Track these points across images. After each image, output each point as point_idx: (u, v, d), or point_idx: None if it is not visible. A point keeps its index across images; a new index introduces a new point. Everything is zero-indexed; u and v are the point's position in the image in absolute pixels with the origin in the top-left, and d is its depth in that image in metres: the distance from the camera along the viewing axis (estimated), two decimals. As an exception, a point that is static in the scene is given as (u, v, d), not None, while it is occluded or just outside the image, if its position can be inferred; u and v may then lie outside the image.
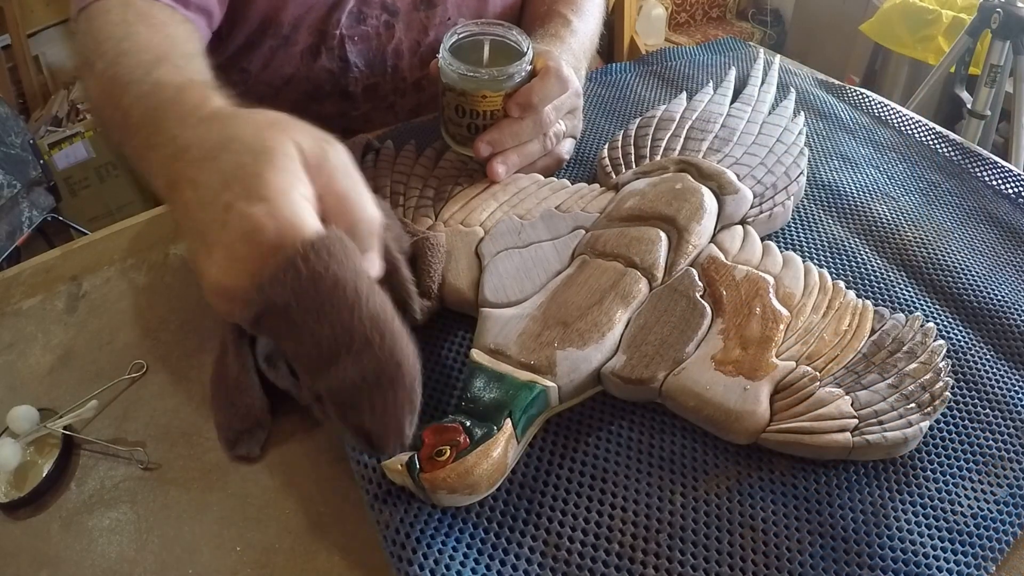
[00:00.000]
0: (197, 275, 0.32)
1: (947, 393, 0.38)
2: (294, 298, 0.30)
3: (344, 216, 0.33)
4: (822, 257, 0.50)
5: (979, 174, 0.58)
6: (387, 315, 0.31)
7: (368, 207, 0.34)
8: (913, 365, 0.39)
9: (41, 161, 1.50)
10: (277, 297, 0.30)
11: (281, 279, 0.30)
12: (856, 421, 0.36)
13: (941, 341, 0.41)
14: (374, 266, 0.36)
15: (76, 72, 0.53)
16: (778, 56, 0.74)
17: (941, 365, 0.39)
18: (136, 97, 0.39)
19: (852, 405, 0.37)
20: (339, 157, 0.34)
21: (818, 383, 0.38)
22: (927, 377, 0.38)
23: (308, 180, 0.32)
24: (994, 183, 0.57)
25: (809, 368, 0.39)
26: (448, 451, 0.33)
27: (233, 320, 0.34)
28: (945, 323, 0.45)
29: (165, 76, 0.40)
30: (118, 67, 0.43)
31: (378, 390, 0.30)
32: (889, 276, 0.48)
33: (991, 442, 0.38)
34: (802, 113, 0.63)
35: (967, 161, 0.60)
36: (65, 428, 0.40)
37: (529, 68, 0.51)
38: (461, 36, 0.52)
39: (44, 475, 0.38)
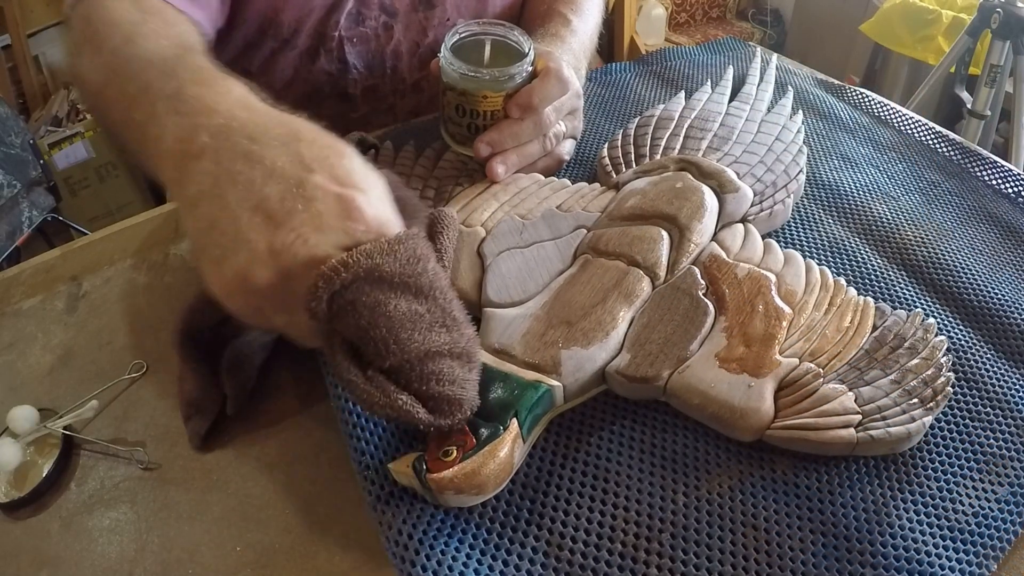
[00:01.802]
0: (238, 249, 0.31)
1: (949, 388, 0.38)
2: (400, 268, 0.32)
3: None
4: (823, 256, 0.50)
5: (979, 174, 0.58)
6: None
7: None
8: (915, 361, 0.39)
9: (41, 161, 1.50)
10: (383, 266, 0.31)
11: (392, 248, 0.31)
12: (860, 417, 0.36)
13: (942, 337, 0.41)
14: None
15: (72, 55, 0.50)
16: (775, 55, 0.74)
17: (942, 360, 0.39)
18: (163, 72, 0.38)
19: (855, 401, 0.37)
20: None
21: (821, 379, 0.38)
22: (929, 372, 0.38)
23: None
24: (994, 183, 0.57)
25: (812, 365, 0.39)
26: (455, 451, 0.33)
27: (260, 312, 0.34)
28: (945, 322, 0.45)
29: (197, 60, 0.40)
30: (135, 47, 0.42)
31: (459, 359, 0.34)
32: (889, 275, 0.48)
33: (992, 441, 0.38)
34: (800, 111, 0.63)
35: (967, 161, 0.60)
36: (65, 428, 0.40)
37: (530, 69, 0.51)
38: (462, 36, 0.52)
39: (44, 475, 0.38)
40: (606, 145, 0.58)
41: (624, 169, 0.55)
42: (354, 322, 0.31)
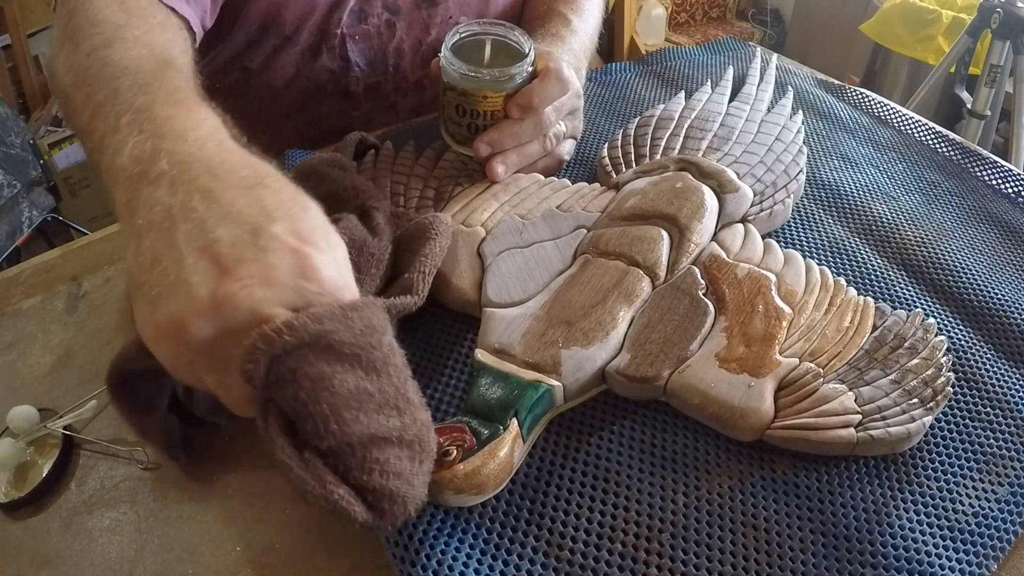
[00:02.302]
0: (176, 291, 0.28)
1: (949, 388, 0.38)
2: (352, 339, 0.28)
3: None
4: (823, 256, 0.50)
5: (979, 174, 0.58)
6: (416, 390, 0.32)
7: None
8: (915, 361, 0.39)
9: (41, 161, 1.50)
10: (333, 333, 0.28)
11: (343, 317, 0.28)
12: (860, 417, 0.36)
13: (942, 337, 0.41)
14: None
15: (52, 48, 0.47)
16: (775, 55, 0.74)
17: (942, 360, 0.39)
18: (136, 83, 0.36)
19: (855, 401, 0.37)
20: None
21: (821, 379, 0.38)
22: (929, 372, 0.38)
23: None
24: (994, 183, 0.57)
25: (812, 365, 0.39)
26: (455, 452, 0.33)
27: (188, 366, 0.30)
28: (945, 322, 0.45)
29: (175, 79, 0.38)
30: (112, 51, 0.40)
31: (408, 449, 0.30)
32: (889, 275, 0.48)
33: (992, 441, 0.38)
34: (800, 111, 0.63)
35: (967, 161, 0.60)
36: (65, 428, 0.40)
37: (530, 69, 0.51)
38: (463, 35, 0.52)
39: (44, 475, 0.38)
40: (606, 145, 0.58)
41: (624, 169, 0.55)
42: (293, 393, 0.28)
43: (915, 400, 0.37)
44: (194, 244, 0.29)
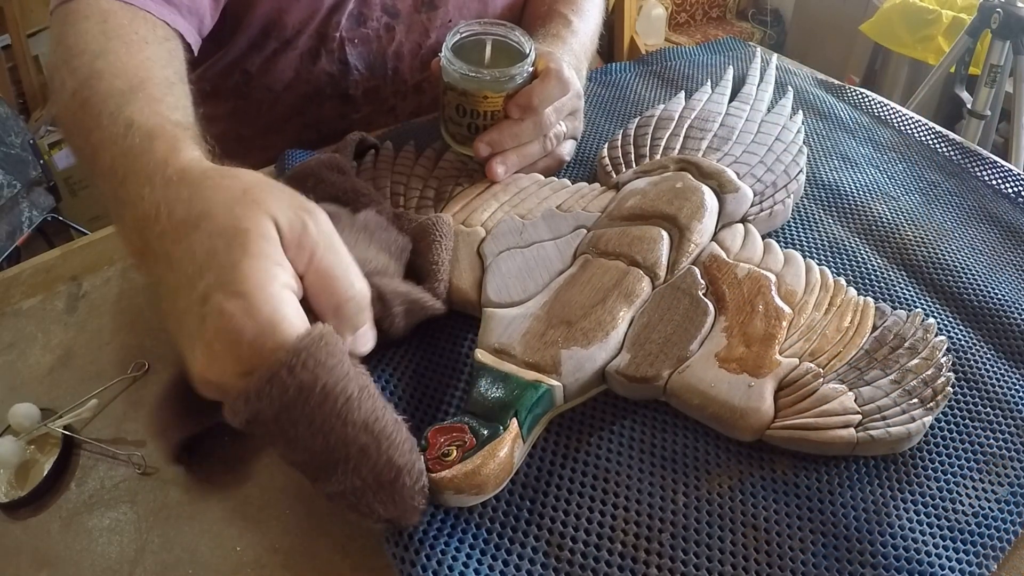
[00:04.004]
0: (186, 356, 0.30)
1: (949, 388, 0.38)
2: (282, 411, 0.28)
3: (329, 295, 0.32)
4: (823, 256, 0.50)
5: (979, 174, 0.58)
6: (380, 414, 0.30)
7: (355, 282, 0.32)
8: (915, 361, 0.39)
9: (41, 161, 1.50)
10: (264, 409, 0.28)
11: (267, 392, 0.28)
12: (860, 417, 0.36)
13: (942, 337, 0.41)
14: (367, 342, 0.34)
15: (49, 73, 0.48)
16: (775, 55, 0.74)
17: (942, 360, 0.39)
18: (106, 137, 0.37)
19: (855, 401, 0.37)
20: (320, 229, 0.32)
21: (821, 380, 0.38)
22: (929, 372, 0.38)
23: (288, 262, 0.30)
24: (994, 183, 0.57)
25: (812, 365, 0.39)
26: (454, 451, 0.33)
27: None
28: (945, 322, 0.45)
29: (138, 114, 0.37)
30: (90, 91, 0.40)
31: (380, 491, 0.30)
32: (889, 275, 0.48)
33: (992, 441, 0.38)
34: (800, 111, 0.63)
35: (967, 161, 0.60)
36: (65, 428, 0.40)
37: (531, 70, 0.51)
38: (463, 35, 0.52)
39: (45, 474, 0.38)
40: (606, 145, 0.58)
41: (624, 169, 0.55)
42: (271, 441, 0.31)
43: (915, 400, 0.37)
44: (172, 317, 0.31)
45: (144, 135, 0.35)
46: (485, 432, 0.34)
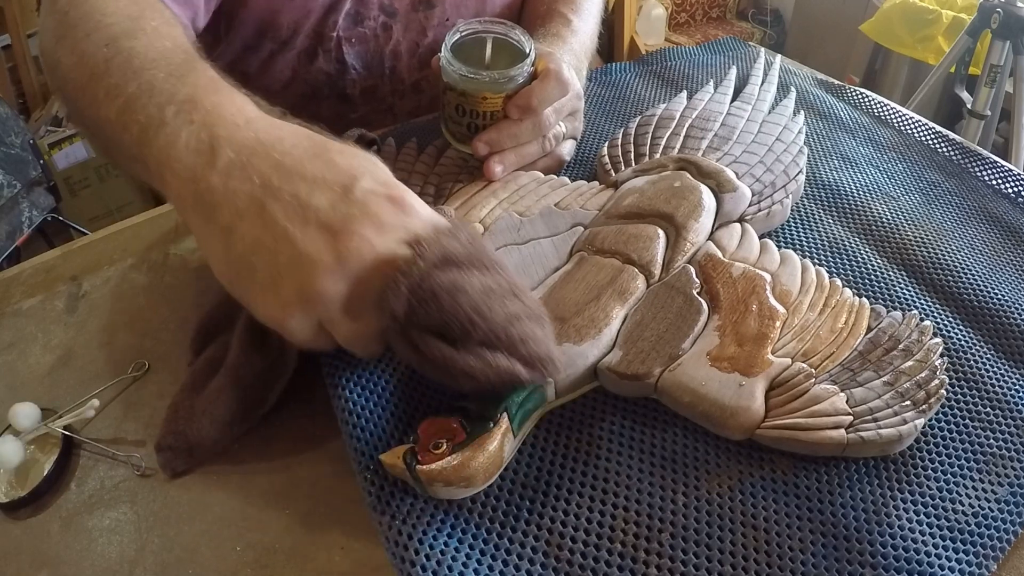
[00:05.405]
0: (299, 265, 0.31)
1: (943, 391, 0.37)
2: (471, 244, 0.34)
3: None
4: (822, 256, 0.50)
5: (979, 174, 0.58)
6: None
7: None
8: (909, 363, 0.39)
9: (41, 161, 1.50)
10: (455, 249, 0.33)
11: (454, 231, 0.33)
12: (851, 418, 0.36)
13: (938, 339, 0.41)
14: None
15: (49, 39, 0.45)
16: (778, 56, 0.74)
17: (937, 363, 0.39)
18: (171, 74, 0.36)
19: (847, 402, 0.37)
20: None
21: (813, 380, 0.38)
22: (923, 375, 0.38)
23: None
24: (994, 183, 0.57)
25: (804, 365, 0.39)
26: (444, 444, 0.33)
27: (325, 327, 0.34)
28: (945, 322, 0.45)
29: (207, 69, 0.37)
30: (136, 42, 0.39)
31: (539, 322, 0.35)
32: (889, 275, 0.48)
33: (992, 441, 0.38)
34: (802, 112, 0.63)
35: (967, 161, 0.60)
36: (65, 428, 0.40)
37: (530, 70, 0.51)
38: (463, 34, 0.52)
39: (45, 474, 0.38)
40: (606, 144, 0.58)
41: (623, 167, 0.55)
42: (436, 309, 0.32)
43: (908, 402, 0.37)
44: (296, 219, 0.31)
45: (224, 85, 0.37)
46: (475, 426, 0.34)
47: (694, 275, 0.44)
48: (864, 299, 0.43)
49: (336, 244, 0.31)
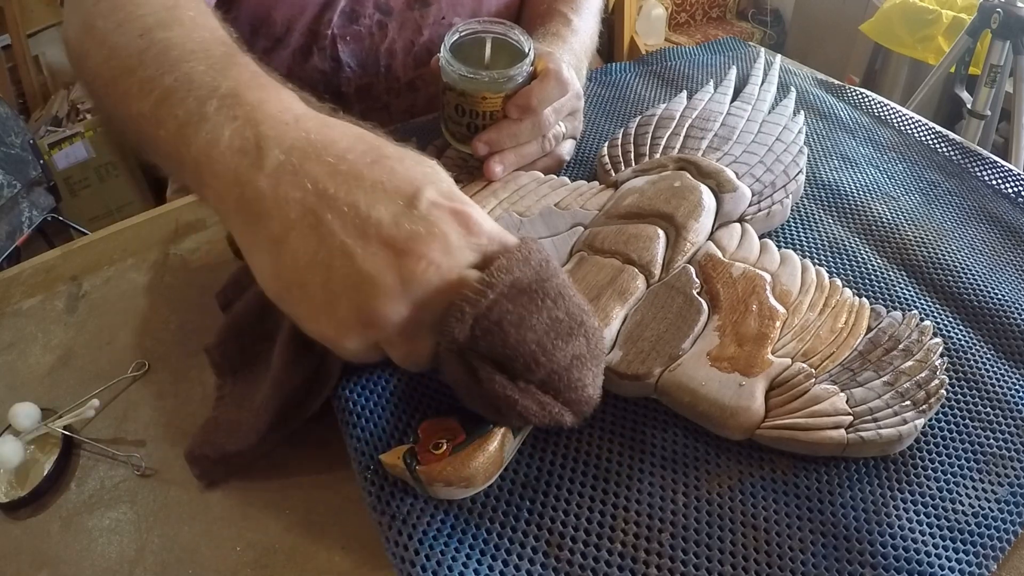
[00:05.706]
0: (357, 284, 0.28)
1: (943, 391, 0.37)
2: (540, 270, 0.31)
3: None
4: (822, 256, 0.50)
5: (979, 174, 0.58)
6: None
7: None
8: (909, 363, 0.39)
9: (41, 161, 1.50)
10: (523, 276, 0.30)
11: (524, 256, 0.30)
12: (851, 418, 0.36)
13: (938, 339, 0.41)
14: None
15: (75, 27, 0.42)
16: (779, 56, 0.74)
17: (937, 363, 0.39)
18: (212, 67, 0.34)
19: (847, 402, 0.37)
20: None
21: (813, 380, 0.38)
22: (923, 375, 0.38)
23: None
24: (994, 183, 0.57)
25: (804, 365, 0.39)
26: (445, 445, 0.34)
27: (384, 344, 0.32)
28: (945, 322, 0.45)
29: (249, 63, 0.35)
30: (172, 33, 0.36)
31: (595, 361, 0.34)
32: (889, 275, 0.48)
33: (992, 441, 0.38)
34: (802, 112, 0.63)
35: (967, 161, 0.60)
36: (65, 428, 0.40)
37: (530, 69, 0.51)
38: (462, 34, 0.52)
39: (45, 474, 0.38)
40: (606, 144, 0.58)
41: (623, 167, 0.55)
42: (500, 342, 0.30)
43: (907, 402, 0.37)
44: (354, 233, 0.28)
45: (268, 80, 0.35)
46: (475, 427, 0.34)
47: (694, 275, 0.44)
48: (864, 299, 0.43)
49: (399, 265, 0.28)
